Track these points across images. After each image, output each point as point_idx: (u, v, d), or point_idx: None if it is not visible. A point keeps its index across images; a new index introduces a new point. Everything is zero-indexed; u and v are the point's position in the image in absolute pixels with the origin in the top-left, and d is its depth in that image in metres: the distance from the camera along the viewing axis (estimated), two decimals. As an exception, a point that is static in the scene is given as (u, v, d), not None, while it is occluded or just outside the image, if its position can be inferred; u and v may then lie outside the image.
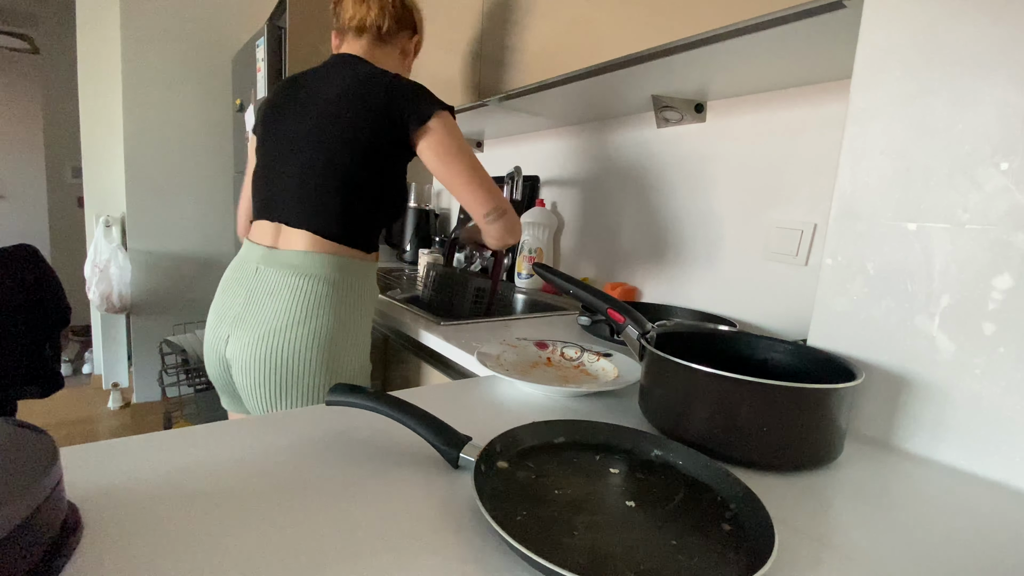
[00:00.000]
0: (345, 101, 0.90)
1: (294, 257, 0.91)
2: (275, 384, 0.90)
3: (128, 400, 2.70)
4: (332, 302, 0.91)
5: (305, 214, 0.92)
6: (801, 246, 1.02)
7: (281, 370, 0.89)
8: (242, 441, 0.51)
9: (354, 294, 0.94)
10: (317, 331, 0.89)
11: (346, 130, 0.90)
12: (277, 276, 0.91)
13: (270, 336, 0.89)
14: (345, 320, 0.92)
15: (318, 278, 0.90)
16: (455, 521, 0.40)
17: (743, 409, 0.52)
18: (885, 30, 0.60)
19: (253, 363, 0.90)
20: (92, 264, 2.42)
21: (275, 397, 0.91)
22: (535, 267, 0.82)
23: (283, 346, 0.88)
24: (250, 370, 0.90)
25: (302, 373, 0.89)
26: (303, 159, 0.92)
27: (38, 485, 0.30)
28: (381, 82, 0.91)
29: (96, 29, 2.64)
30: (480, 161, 0.96)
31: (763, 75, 0.98)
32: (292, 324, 0.89)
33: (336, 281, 0.91)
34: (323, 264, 0.91)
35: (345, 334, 0.92)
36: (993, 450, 0.54)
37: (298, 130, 0.93)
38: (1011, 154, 0.52)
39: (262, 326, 0.89)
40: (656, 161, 1.33)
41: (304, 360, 0.89)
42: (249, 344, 0.90)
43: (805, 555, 0.40)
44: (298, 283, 0.90)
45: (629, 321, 0.67)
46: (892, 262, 0.60)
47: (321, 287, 0.90)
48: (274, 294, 0.90)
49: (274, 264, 0.92)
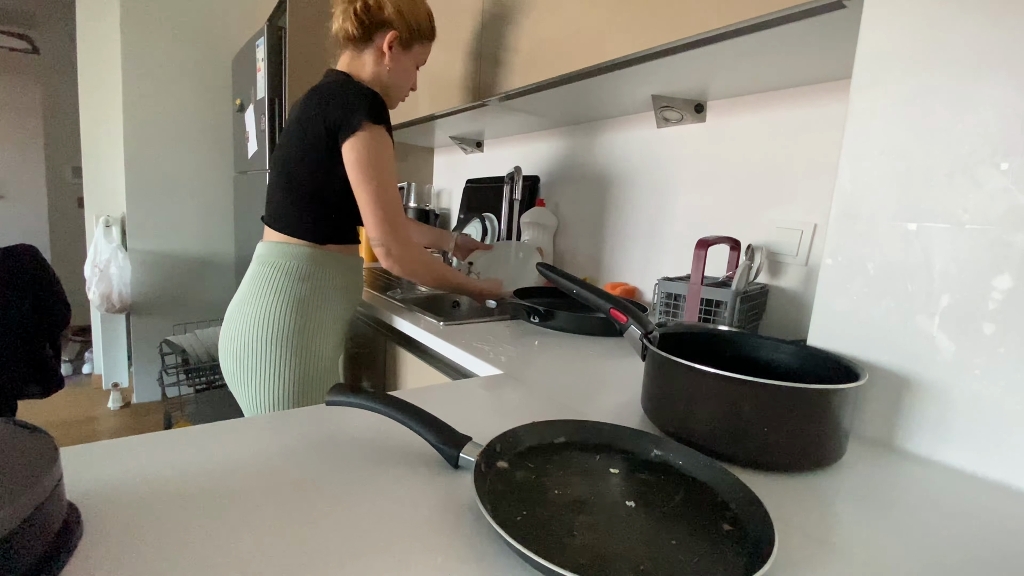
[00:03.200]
0: (303, 111, 0.98)
1: (260, 247, 1.03)
2: (234, 363, 0.99)
3: (128, 400, 2.70)
4: (278, 284, 0.98)
5: (269, 211, 1.05)
6: (801, 246, 1.02)
7: (238, 346, 0.98)
8: (242, 441, 0.51)
9: (308, 279, 1.00)
10: (266, 310, 0.97)
11: (295, 134, 0.98)
12: (252, 266, 1.04)
13: (233, 317, 1.00)
14: (300, 301, 0.98)
15: (267, 264, 1.00)
16: (455, 521, 0.40)
17: (745, 409, 0.52)
18: (885, 30, 0.60)
19: (222, 344, 1.02)
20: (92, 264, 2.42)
21: (236, 373, 0.99)
22: (539, 267, 0.82)
23: (239, 326, 0.98)
24: (221, 351, 1.02)
25: (255, 348, 0.97)
26: (274, 164, 1.04)
27: (38, 485, 0.30)
28: (327, 90, 0.96)
29: (96, 29, 2.64)
30: (394, 185, 0.97)
31: (763, 75, 0.98)
32: (244, 303, 0.99)
33: (282, 266, 0.99)
34: (273, 252, 1.00)
35: (300, 314, 0.98)
36: (993, 450, 0.54)
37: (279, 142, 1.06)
38: (1011, 154, 0.52)
39: (233, 309, 1.02)
40: (656, 161, 1.33)
41: (255, 336, 0.96)
42: (224, 326, 1.03)
43: (805, 555, 0.40)
44: (257, 269, 1.01)
45: (632, 321, 0.67)
46: (892, 262, 0.60)
47: (267, 271, 0.99)
48: (246, 281, 1.02)
49: (255, 257, 1.05)
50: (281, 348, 0.96)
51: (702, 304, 0.95)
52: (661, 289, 1.03)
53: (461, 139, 2.02)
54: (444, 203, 2.33)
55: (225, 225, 2.72)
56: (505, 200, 1.70)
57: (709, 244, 0.93)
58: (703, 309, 0.95)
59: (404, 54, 1.06)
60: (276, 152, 1.04)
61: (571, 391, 0.72)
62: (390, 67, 1.04)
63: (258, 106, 2.04)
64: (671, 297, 1.01)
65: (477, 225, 1.88)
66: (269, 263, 0.99)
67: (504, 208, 1.71)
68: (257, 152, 2.07)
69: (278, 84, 1.97)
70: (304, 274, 0.99)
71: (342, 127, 0.92)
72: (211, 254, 2.70)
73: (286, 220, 1.01)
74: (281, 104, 1.98)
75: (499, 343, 0.95)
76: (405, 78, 1.09)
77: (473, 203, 2.02)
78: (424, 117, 1.66)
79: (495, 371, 0.80)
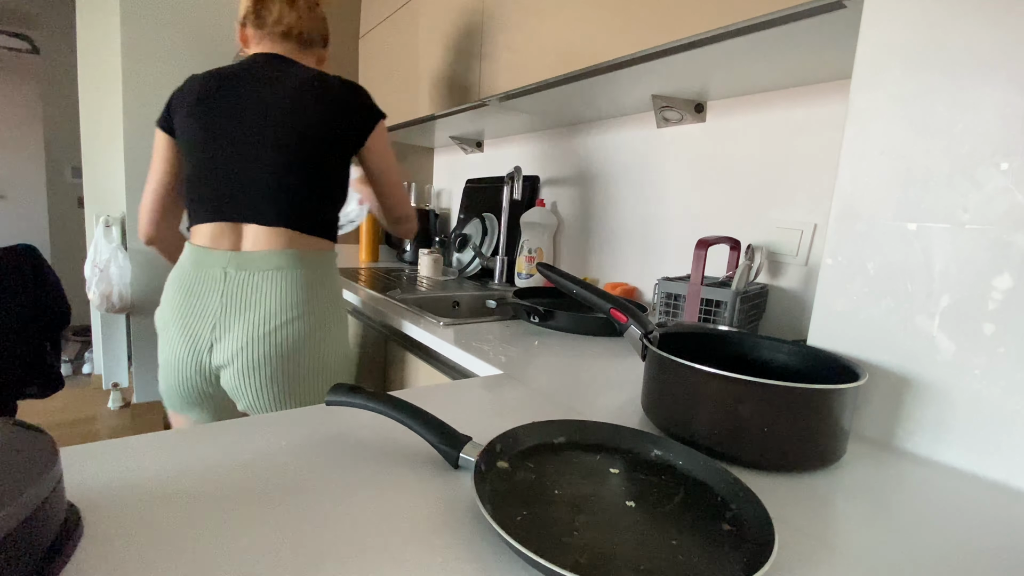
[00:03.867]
0: (307, 99, 0.93)
1: (274, 258, 0.92)
2: (284, 379, 0.93)
3: (128, 400, 2.70)
4: (318, 295, 0.95)
5: (283, 212, 0.93)
6: (801, 246, 1.02)
7: (289, 364, 0.92)
8: (242, 441, 0.51)
9: (331, 284, 0.99)
10: (313, 323, 0.94)
11: (312, 127, 0.93)
12: (258, 278, 0.91)
13: (272, 334, 0.91)
14: (329, 310, 0.97)
15: (303, 274, 0.94)
16: (455, 521, 0.40)
17: (745, 409, 0.52)
18: (885, 30, 0.60)
19: (258, 363, 0.90)
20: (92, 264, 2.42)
21: (283, 392, 0.94)
22: (539, 267, 0.82)
23: (284, 342, 0.91)
24: (255, 371, 0.90)
25: (306, 364, 0.94)
26: (271, 158, 0.92)
27: (38, 485, 0.30)
28: (337, 82, 0.97)
29: (96, 29, 2.64)
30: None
31: (763, 75, 0.98)
32: (291, 320, 0.92)
33: (319, 275, 0.96)
34: (305, 260, 0.94)
35: (332, 323, 0.98)
36: (993, 450, 0.54)
37: (253, 130, 0.93)
38: (1011, 154, 0.52)
39: (260, 327, 0.90)
40: (656, 161, 1.33)
41: (306, 352, 0.94)
42: (248, 345, 0.90)
43: (805, 555, 0.40)
44: (286, 281, 0.92)
45: (632, 321, 0.67)
46: (892, 262, 0.60)
47: (307, 282, 0.94)
48: (261, 294, 0.91)
49: (250, 267, 0.92)
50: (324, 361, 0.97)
51: (702, 304, 0.95)
52: (661, 289, 1.03)
53: (461, 139, 2.02)
54: (444, 203, 2.33)
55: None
56: (505, 200, 1.70)
57: (709, 244, 0.93)
58: (703, 309, 0.95)
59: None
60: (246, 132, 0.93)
61: (571, 391, 0.72)
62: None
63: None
64: (671, 297, 1.01)
65: (477, 225, 1.88)
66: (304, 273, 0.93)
67: (504, 208, 1.71)
68: (257, 152, 2.07)
69: (278, 84, 1.96)
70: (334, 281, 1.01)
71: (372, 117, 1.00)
72: (211, 254, 2.70)
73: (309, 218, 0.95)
74: (281, 104, 1.98)
75: (499, 343, 0.95)
76: None
77: (473, 203, 2.02)
78: (424, 117, 1.66)
79: (495, 371, 0.80)
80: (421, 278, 1.74)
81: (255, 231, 0.93)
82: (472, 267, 1.81)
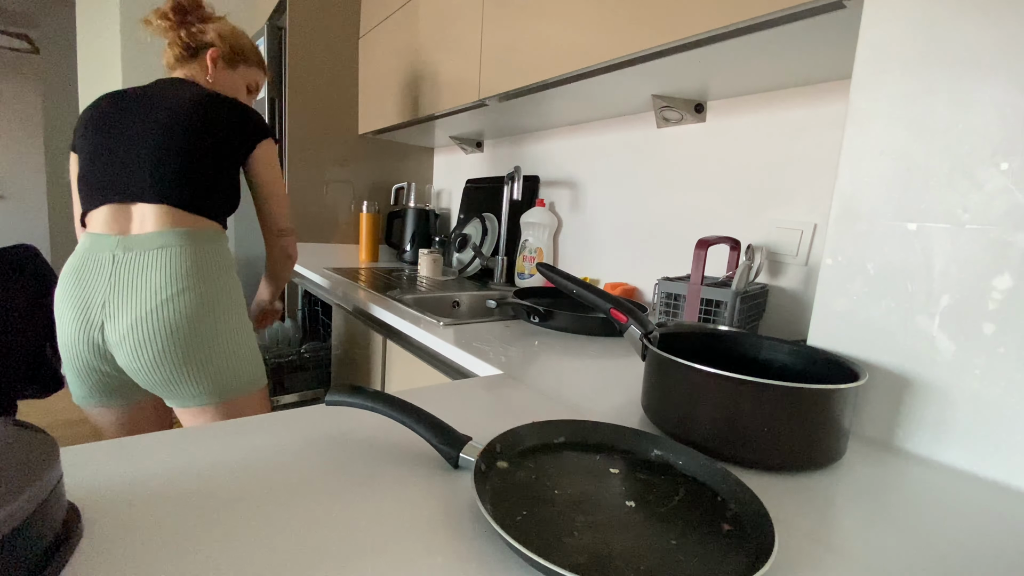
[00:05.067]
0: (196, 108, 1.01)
1: (159, 238, 0.97)
2: (176, 352, 0.95)
3: (128, 400, 2.69)
4: (203, 270, 0.98)
5: (166, 190, 0.98)
6: (801, 246, 1.02)
7: (177, 337, 0.95)
8: (242, 441, 0.51)
9: (219, 261, 1.02)
10: (199, 297, 0.97)
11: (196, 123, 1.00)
12: (144, 258, 0.96)
13: (160, 309, 0.94)
14: (217, 285, 1.01)
15: (188, 251, 0.97)
16: (455, 521, 0.40)
17: (745, 409, 0.52)
18: (885, 30, 0.60)
19: (148, 338, 0.94)
20: (92, 264, 2.42)
21: (177, 367, 0.96)
22: (539, 267, 0.82)
23: (171, 316, 0.94)
24: (146, 345, 0.94)
25: (198, 337, 0.97)
26: (156, 143, 0.99)
27: (38, 485, 0.30)
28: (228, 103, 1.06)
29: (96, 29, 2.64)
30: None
31: (763, 75, 0.98)
32: (176, 294, 0.95)
33: (205, 251, 1.00)
34: (189, 237, 0.98)
35: (221, 297, 1.01)
36: (993, 450, 0.54)
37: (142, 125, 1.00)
38: (1011, 154, 0.52)
39: (146, 303, 0.94)
40: (656, 161, 1.33)
41: (195, 323, 0.96)
42: (136, 323, 0.93)
43: (805, 555, 0.40)
44: (170, 257, 0.96)
45: (632, 321, 0.67)
46: (892, 262, 0.60)
47: (192, 258, 0.97)
48: (148, 272, 0.95)
49: (136, 248, 0.96)
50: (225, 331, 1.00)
51: (702, 304, 0.95)
52: (661, 289, 1.03)
53: (461, 139, 2.02)
54: (444, 203, 2.33)
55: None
56: (505, 200, 1.70)
57: (709, 244, 0.93)
58: (703, 309, 0.95)
59: (229, 71, 1.19)
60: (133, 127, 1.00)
61: (571, 391, 0.72)
62: (214, 80, 1.16)
63: (258, 106, 2.04)
64: (671, 297, 1.01)
65: (477, 225, 1.88)
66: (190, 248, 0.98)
67: (504, 208, 1.71)
68: (257, 152, 2.07)
69: (278, 84, 1.97)
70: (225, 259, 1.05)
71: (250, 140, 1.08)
72: (211, 254, 2.70)
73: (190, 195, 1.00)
74: (281, 104, 1.98)
75: (499, 343, 0.95)
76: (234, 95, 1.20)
77: (473, 203, 2.02)
78: (424, 117, 1.66)
79: (495, 371, 0.80)
80: (421, 278, 1.74)
81: (142, 212, 0.98)
82: (472, 267, 1.81)
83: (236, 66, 1.20)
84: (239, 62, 1.21)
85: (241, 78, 1.22)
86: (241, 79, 1.22)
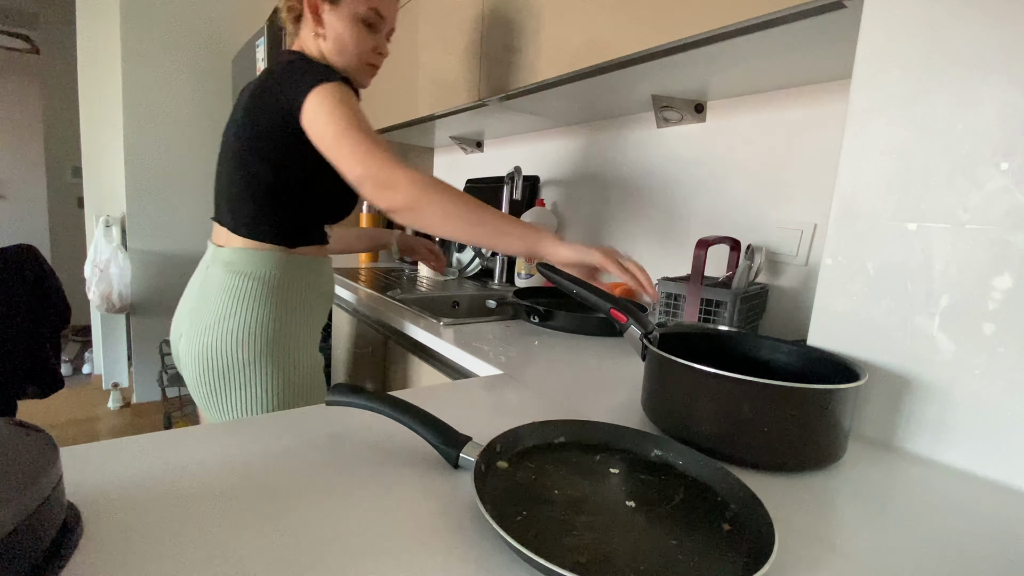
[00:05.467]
0: (246, 101, 0.90)
1: (227, 254, 0.91)
2: (212, 380, 0.89)
3: (128, 400, 2.70)
4: (260, 296, 0.89)
5: (228, 213, 0.93)
6: (801, 246, 1.02)
7: (215, 365, 0.88)
8: (242, 441, 0.51)
9: (284, 287, 0.92)
10: (247, 324, 0.88)
11: (242, 127, 0.89)
12: (216, 272, 0.91)
13: (204, 332, 0.88)
14: (279, 314, 0.91)
15: (244, 274, 0.89)
16: (455, 521, 0.40)
17: (745, 409, 0.52)
18: (885, 30, 0.60)
19: (192, 361, 0.90)
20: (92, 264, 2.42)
21: (212, 393, 0.90)
22: (539, 267, 0.82)
23: (213, 342, 0.88)
24: (190, 368, 0.90)
25: (237, 367, 0.88)
26: (224, 159, 0.94)
27: (38, 485, 0.30)
28: (269, 69, 0.90)
29: (96, 29, 2.64)
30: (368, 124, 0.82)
31: (763, 75, 0.98)
32: (221, 319, 0.88)
33: (261, 276, 0.90)
34: (244, 259, 0.90)
35: (281, 327, 0.91)
36: (993, 450, 0.54)
37: (225, 134, 0.96)
38: (1011, 154, 0.52)
39: (200, 323, 0.90)
40: (656, 161, 1.33)
41: (236, 354, 0.88)
42: (190, 341, 0.90)
43: (805, 555, 0.40)
44: (228, 279, 0.89)
45: (632, 321, 0.67)
46: (892, 262, 0.60)
47: (246, 282, 0.89)
48: (213, 291, 0.90)
49: (215, 262, 0.92)
50: (264, 363, 0.89)
51: (702, 304, 0.95)
52: (661, 289, 1.03)
53: (461, 139, 2.02)
54: (444, 203, 2.32)
55: (225, 225, 2.72)
56: (505, 200, 1.70)
57: (709, 244, 0.93)
58: (703, 309, 0.95)
59: (336, 12, 0.89)
60: (224, 147, 0.93)
61: (571, 391, 0.72)
62: (322, 32, 0.90)
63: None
64: (671, 297, 1.01)
65: (477, 225, 1.87)
66: (243, 272, 0.89)
67: (504, 208, 1.71)
68: (257, 152, 2.07)
69: (278, 84, 1.96)
70: (283, 282, 0.91)
71: (293, 102, 0.81)
72: (211, 254, 2.70)
73: (253, 222, 0.90)
74: (281, 104, 1.97)
75: (499, 343, 0.95)
76: (351, 41, 0.90)
77: (473, 203, 2.01)
78: (424, 117, 1.66)
79: (495, 371, 0.80)
80: (421, 278, 1.74)
81: (221, 231, 0.95)
82: (472, 267, 1.81)
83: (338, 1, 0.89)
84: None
85: (349, 13, 0.89)
86: (349, 14, 0.89)
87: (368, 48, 0.93)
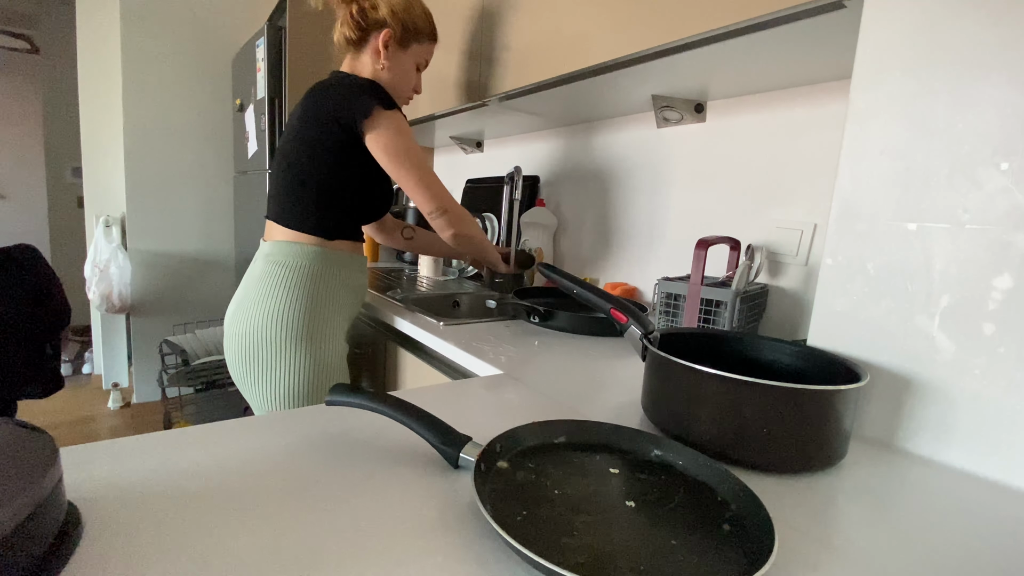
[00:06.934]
0: (306, 107, 1.00)
1: (268, 247, 1.01)
2: (248, 359, 0.98)
3: (128, 400, 2.70)
4: (294, 284, 0.98)
5: (275, 208, 1.04)
6: (801, 246, 1.02)
7: (251, 344, 0.97)
8: (242, 441, 0.51)
9: (319, 277, 1.01)
10: (280, 308, 0.97)
11: (300, 130, 1.00)
12: (258, 264, 1.02)
13: (244, 316, 0.98)
14: (312, 299, 0.99)
15: (280, 264, 0.99)
16: (455, 521, 0.40)
17: (746, 410, 0.52)
18: (885, 30, 0.60)
19: (233, 343, 1.00)
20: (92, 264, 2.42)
21: (248, 372, 0.99)
22: (540, 267, 0.82)
23: (250, 324, 0.97)
24: (232, 350, 1.01)
25: (271, 347, 0.97)
26: (278, 162, 1.05)
27: (38, 485, 0.30)
28: (332, 85, 1.00)
29: (96, 29, 2.64)
30: (427, 161, 1.01)
31: (763, 75, 0.98)
32: (258, 303, 0.98)
33: (297, 266, 0.99)
34: (283, 250, 1.00)
35: (313, 312, 0.99)
36: (994, 450, 0.54)
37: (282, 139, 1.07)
38: (1011, 154, 0.52)
39: (241, 309, 1.00)
40: (656, 161, 1.33)
41: (270, 334, 0.96)
42: (230, 325, 1.01)
43: (805, 555, 0.40)
44: (267, 268, 0.99)
45: (632, 321, 0.67)
46: (892, 262, 0.60)
47: (278, 269, 0.99)
48: (254, 280, 1.00)
49: (259, 256, 1.03)
50: (295, 346, 0.97)
51: (702, 304, 0.95)
52: (661, 289, 1.03)
53: (461, 139, 2.02)
54: (444, 203, 2.32)
55: (225, 225, 2.72)
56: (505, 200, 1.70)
57: (709, 244, 0.93)
58: (703, 309, 0.95)
59: (401, 53, 1.06)
60: (280, 149, 1.04)
61: (571, 391, 0.72)
62: (387, 65, 1.04)
63: (258, 106, 2.04)
64: (671, 297, 1.01)
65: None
66: (279, 262, 0.99)
67: (504, 208, 1.71)
68: (257, 152, 2.07)
69: (278, 84, 1.97)
70: (315, 272, 1.00)
71: (357, 118, 0.95)
72: (211, 254, 2.70)
73: (295, 217, 1.00)
74: (281, 104, 1.98)
75: (499, 343, 0.95)
76: (404, 78, 1.08)
77: (473, 203, 2.01)
78: (424, 117, 1.66)
79: (495, 371, 0.80)
80: (421, 278, 1.74)
81: (270, 226, 1.05)
82: (472, 267, 1.80)
83: (408, 46, 1.05)
84: (411, 41, 1.06)
85: (412, 58, 1.07)
86: (412, 60, 1.08)
87: (412, 85, 1.11)
